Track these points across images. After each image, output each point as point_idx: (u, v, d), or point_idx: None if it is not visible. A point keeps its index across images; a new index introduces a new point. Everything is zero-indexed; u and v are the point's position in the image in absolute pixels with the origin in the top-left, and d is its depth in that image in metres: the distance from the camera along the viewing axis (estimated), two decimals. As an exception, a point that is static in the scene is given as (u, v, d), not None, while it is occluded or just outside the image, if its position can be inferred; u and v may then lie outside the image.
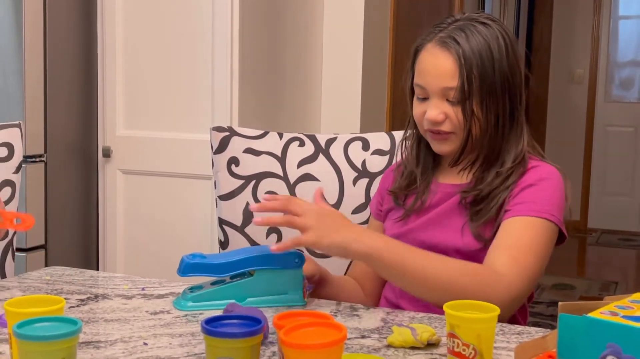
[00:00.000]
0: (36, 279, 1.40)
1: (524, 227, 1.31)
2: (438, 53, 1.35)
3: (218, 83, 2.51)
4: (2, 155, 1.68)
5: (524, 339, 1.12)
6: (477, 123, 1.35)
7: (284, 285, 1.25)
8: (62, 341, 0.83)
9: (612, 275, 5.04)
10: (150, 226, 2.63)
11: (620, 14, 6.23)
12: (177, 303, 1.25)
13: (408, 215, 1.44)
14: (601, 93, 6.28)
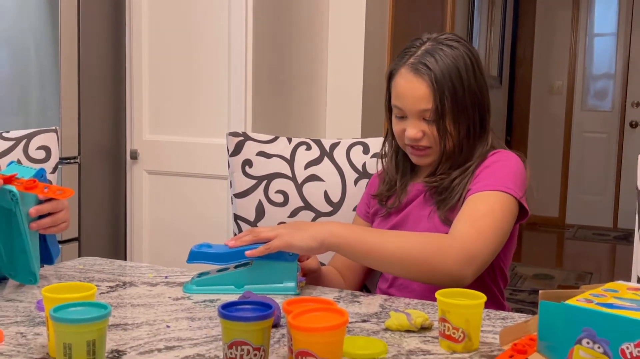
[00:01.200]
0: (70, 268, 1.41)
1: (481, 199, 1.31)
2: (412, 79, 1.36)
3: (234, 94, 2.52)
4: (40, 157, 1.68)
5: (508, 323, 1.11)
6: (451, 138, 1.37)
7: (279, 275, 1.25)
8: (93, 323, 0.83)
9: (587, 266, 5.04)
10: (173, 221, 2.63)
11: (596, 31, 6.23)
12: (185, 287, 1.26)
13: (389, 213, 1.46)
14: (578, 103, 6.28)
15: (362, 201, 1.58)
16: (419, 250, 1.23)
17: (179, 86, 2.60)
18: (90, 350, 0.83)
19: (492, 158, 1.38)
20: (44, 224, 1.23)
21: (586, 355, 0.88)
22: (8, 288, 1.25)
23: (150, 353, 0.95)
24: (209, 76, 2.55)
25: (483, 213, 1.28)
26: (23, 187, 1.18)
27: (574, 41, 6.24)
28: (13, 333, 1.02)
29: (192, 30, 2.56)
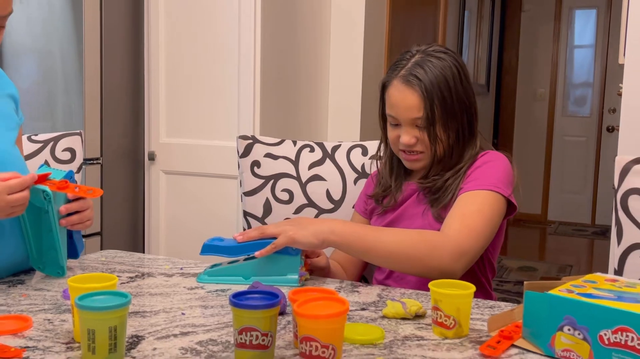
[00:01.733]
0: (93, 260, 1.41)
1: (471, 198, 1.30)
2: (404, 89, 1.36)
3: (243, 101, 2.52)
4: (66, 158, 1.69)
5: (495, 312, 1.11)
6: (441, 143, 1.37)
7: (283, 268, 1.25)
8: (115, 311, 0.84)
9: (567, 259, 5.03)
10: (187, 217, 2.63)
11: (575, 43, 6.22)
12: (198, 277, 1.26)
13: (386, 211, 1.46)
14: (559, 109, 6.27)
15: (360, 199, 1.58)
16: (413, 248, 1.23)
17: (192, 93, 2.60)
18: (112, 335, 0.84)
19: (482, 159, 1.38)
20: (72, 221, 1.23)
21: (567, 341, 0.88)
22: (36, 279, 1.25)
23: (166, 338, 0.95)
24: (221, 85, 2.55)
25: (473, 211, 1.28)
26: (56, 187, 1.18)
27: (555, 52, 6.23)
28: (41, 319, 1.02)
29: (205, 42, 2.56)
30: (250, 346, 0.85)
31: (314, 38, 2.93)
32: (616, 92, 5.82)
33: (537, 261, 4.96)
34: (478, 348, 0.94)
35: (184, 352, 0.90)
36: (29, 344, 0.91)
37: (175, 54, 2.61)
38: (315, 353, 0.82)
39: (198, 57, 2.58)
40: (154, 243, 2.68)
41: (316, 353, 0.82)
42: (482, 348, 0.92)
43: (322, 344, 0.81)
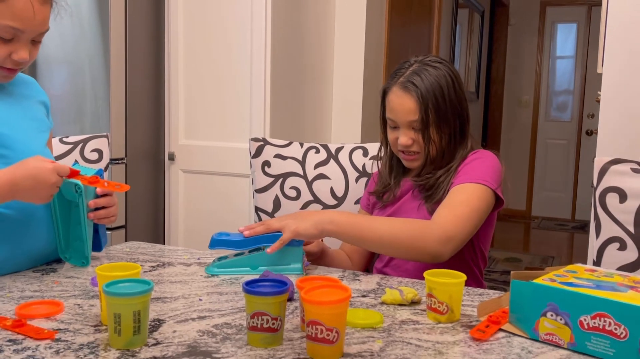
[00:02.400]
0: (119, 251, 1.41)
1: (460, 190, 1.30)
2: (402, 95, 1.36)
3: (255, 106, 2.52)
4: (94, 158, 1.69)
5: (484, 299, 1.11)
6: (434, 144, 1.37)
7: (287, 258, 1.24)
8: (139, 296, 0.84)
9: (550, 251, 5.02)
10: (204, 212, 2.64)
11: (557, 54, 6.20)
12: (207, 269, 1.24)
13: (385, 205, 1.46)
14: (542, 115, 6.26)
15: (364, 196, 1.58)
16: (403, 234, 1.22)
17: (209, 99, 2.61)
18: (136, 319, 0.84)
19: (472, 156, 1.38)
20: (99, 215, 1.23)
21: (550, 326, 0.88)
22: (66, 267, 1.25)
23: (185, 321, 0.95)
24: (234, 92, 2.55)
25: (461, 201, 1.27)
26: (87, 181, 1.18)
27: (539, 62, 6.21)
28: (72, 304, 1.02)
29: (220, 54, 2.56)
30: (261, 329, 0.86)
31: (319, 49, 2.93)
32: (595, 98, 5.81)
33: (521, 253, 4.95)
34: (469, 331, 0.94)
35: (201, 334, 0.90)
36: (61, 327, 0.92)
37: (192, 64, 2.61)
38: (320, 336, 0.82)
39: (213, 66, 2.58)
40: (173, 235, 2.69)
41: (321, 336, 0.82)
42: (472, 332, 0.92)
43: (326, 327, 0.81)
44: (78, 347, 0.84)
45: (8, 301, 1.02)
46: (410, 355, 0.85)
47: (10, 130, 1.16)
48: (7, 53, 1.13)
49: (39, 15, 1.12)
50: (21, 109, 1.24)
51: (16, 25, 1.10)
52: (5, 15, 1.09)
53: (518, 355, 0.85)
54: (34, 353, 0.82)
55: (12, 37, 1.12)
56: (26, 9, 1.10)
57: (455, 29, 4.93)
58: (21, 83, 1.29)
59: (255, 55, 2.49)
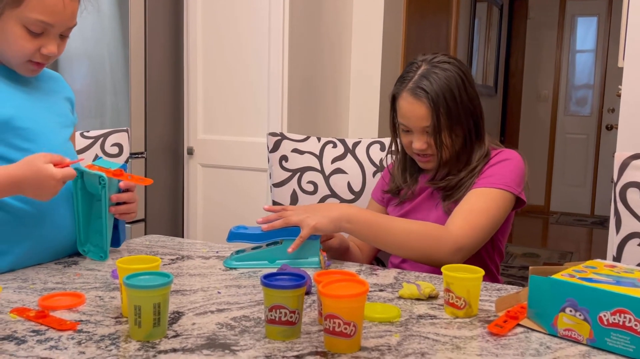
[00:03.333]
0: (139, 244, 1.42)
1: (479, 195, 1.29)
2: (413, 101, 1.34)
3: (272, 101, 2.52)
4: (114, 152, 1.70)
5: (502, 294, 1.10)
6: (447, 148, 1.35)
7: (305, 252, 1.24)
8: (158, 289, 0.84)
9: (568, 247, 4.97)
10: (222, 206, 2.65)
11: (577, 48, 6.12)
12: (225, 262, 1.25)
13: (403, 202, 1.45)
14: (562, 109, 6.19)
15: (377, 188, 1.56)
16: (417, 240, 1.23)
17: (227, 95, 2.61)
18: (156, 311, 0.84)
19: (498, 157, 1.36)
20: (121, 210, 1.23)
21: (569, 321, 0.87)
22: (87, 260, 1.27)
23: (204, 314, 0.96)
24: (252, 87, 2.56)
25: (480, 209, 1.26)
26: (111, 174, 1.18)
27: (558, 56, 6.14)
28: (93, 296, 1.03)
29: (238, 49, 2.57)
30: (279, 322, 0.86)
31: (336, 43, 2.92)
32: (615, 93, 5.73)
33: (540, 248, 4.90)
34: (486, 326, 0.93)
35: (220, 327, 0.91)
36: (83, 318, 0.93)
37: (211, 60, 2.62)
38: (338, 329, 0.82)
39: (232, 62, 2.59)
40: (192, 228, 2.71)
41: (339, 329, 0.82)
42: (490, 327, 0.92)
43: (344, 321, 0.81)
44: (99, 338, 0.85)
45: (31, 293, 1.04)
46: (428, 349, 0.84)
47: (35, 124, 1.18)
48: (37, 47, 1.14)
49: (69, 9, 1.14)
50: (46, 104, 1.26)
51: (46, 19, 1.12)
52: (36, 9, 1.10)
53: (536, 350, 0.85)
54: (57, 343, 0.84)
55: (42, 32, 1.13)
56: (56, 4, 1.11)
57: (474, 23, 4.89)
58: (48, 78, 1.31)
59: (273, 50, 2.49)
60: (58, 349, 0.82)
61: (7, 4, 1.09)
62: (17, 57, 1.15)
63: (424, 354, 0.83)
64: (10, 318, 0.92)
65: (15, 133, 1.14)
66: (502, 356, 0.83)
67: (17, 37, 1.12)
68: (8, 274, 1.14)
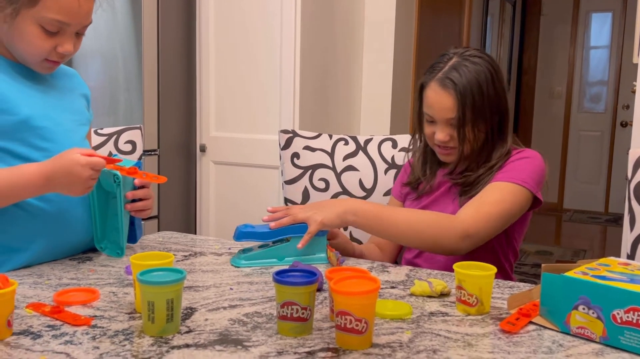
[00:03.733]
0: (152, 240, 1.43)
1: (495, 188, 1.29)
2: (440, 91, 1.33)
3: (284, 99, 2.52)
4: (127, 150, 1.71)
5: (514, 291, 1.10)
6: (469, 142, 1.35)
7: (311, 248, 1.25)
8: (172, 285, 0.85)
9: (581, 244, 4.93)
10: (234, 203, 2.66)
11: (592, 44, 6.06)
12: (233, 261, 1.23)
13: (421, 196, 1.45)
14: (575, 106, 6.13)
15: (397, 186, 1.56)
16: (425, 227, 1.24)
17: (239, 92, 2.62)
18: (169, 307, 0.85)
19: (518, 155, 1.35)
20: (137, 207, 1.24)
21: (582, 319, 0.87)
22: (102, 256, 1.28)
23: (217, 310, 0.97)
24: (264, 84, 2.56)
25: (491, 201, 1.26)
26: (126, 172, 1.19)
27: (572, 53, 6.08)
28: (107, 292, 1.04)
29: (250, 46, 2.57)
30: (291, 319, 0.86)
31: (349, 41, 2.92)
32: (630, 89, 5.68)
33: (553, 246, 4.87)
34: (498, 324, 0.93)
35: (232, 323, 0.91)
36: (97, 314, 0.94)
37: (223, 57, 2.63)
38: (349, 326, 0.82)
39: (244, 59, 2.59)
40: (204, 225, 2.72)
41: (350, 326, 0.82)
42: (502, 324, 0.91)
43: (355, 318, 0.82)
44: (113, 333, 0.86)
45: (47, 289, 1.05)
46: (439, 346, 0.84)
47: (52, 123, 1.19)
48: (53, 46, 1.16)
49: (84, 8, 1.15)
50: (63, 102, 1.27)
51: (62, 18, 1.13)
52: (52, 9, 1.11)
53: (549, 348, 0.85)
54: (72, 338, 0.84)
55: (58, 31, 1.15)
56: (72, 3, 1.12)
57: (486, 20, 4.86)
58: (64, 75, 1.32)
59: (284, 47, 2.49)
60: (73, 344, 0.83)
61: (24, 4, 1.10)
62: (34, 55, 1.16)
63: (435, 352, 0.83)
64: (26, 313, 0.93)
65: (34, 132, 1.15)
66: (514, 354, 0.83)
67: (33, 36, 1.13)
68: (24, 270, 1.16)
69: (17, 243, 1.16)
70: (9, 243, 1.15)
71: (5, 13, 1.11)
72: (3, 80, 1.15)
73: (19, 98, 1.16)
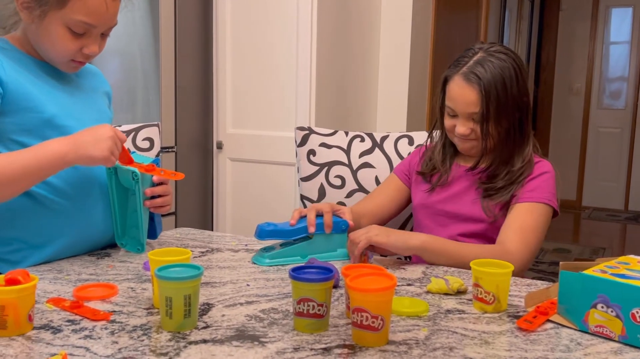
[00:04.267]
0: (169, 237, 1.44)
1: (529, 211, 1.31)
2: (464, 85, 1.33)
3: (300, 96, 2.53)
4: (145, 146, 1.72)
5: (532, 289, 1.09)
6: (492, 138, 1.35)
7: (333, 244, 1.26)
8: (189, 281, 0.86)
9: (600, 243, 4.87)
10: (250, 199, 2.67)
11: (611, 40, 5.98)
12: (257, 260, 1.22)
13: (433, 189, 1.44)
14: (595, 102, 6.06)
15: (403, 166, 1.55)
16: None
17: (255, 89, 2.63)
18: (187, 302, 0.86)
19: (539, 169, 1.36)
20: (156, 203, 1.26)
21: (600, 318, 0.86)
22: (120, 252, 1.29)
23: (233, 306, 0.97)
24: (280, 81, 2.57)
25: (530, 227, 1.29)
26: (144, 169, 1.20)
27: (592, 48, 6.00)
28: (125, 287, 1.05)
29: (266, 44, 2.57)
30: (307, 315, 0.87)
31: (365, 37, 2.91)
32: (650, 85, 5.59)
33: (571, 244, 4.82)
34: (515, 322, 0.92)
35: (249, 319, 0.92)
36: (115, 309, 0.95)
37: (240, 55, 2.64)
38: (365, 323, 0.82)
39: (260, 57, 2.60)
40: (221, 222, 2.73)
41: (366, 323, 0.82)
42: (519, 322, 0.91)
43: (372, 315, 0.82)
44: (132, 328, 0.87)
45: (66, 284, 1.07)
46: (456, 344, 0.84)
47: (76, 122, 1.20)
48: (79, 47, 1.17)
49: (111, 10, 1.17)
50: (87, 102, 1.28)
51: (89, 20, 1.14)
52: (80, 11, 1.13)
53: (567, 346, 0.84)
54: (91, 333, 0.86)
55: (84, 32, 1.16)
56: (99, 5, 1.14)
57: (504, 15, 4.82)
58: (88, 74, 1.33)
59: (301, 44, 2.49)
60: (92, 338, 0.84)
61: (52, 6, 1.12)
62: (60, 56, 1.18)
63: (452, 349, 0.82)
64: (47, 307, 0.95)
65: (58, 131, 1.16)
66: (531, 352, 0.82)
67: (60, 37, 1.15)
68: (44, 265, 1.17)
69: (39, 240, 1.18)
70: (31, 239, 1.17)
71: (34, 14, 1.13)
72: (29, 79, 1.17)
73: (45, 97, 1.17)
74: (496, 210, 1.34)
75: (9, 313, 0.83)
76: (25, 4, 1.14)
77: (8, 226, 1.16)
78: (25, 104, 1.14)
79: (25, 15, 1.15)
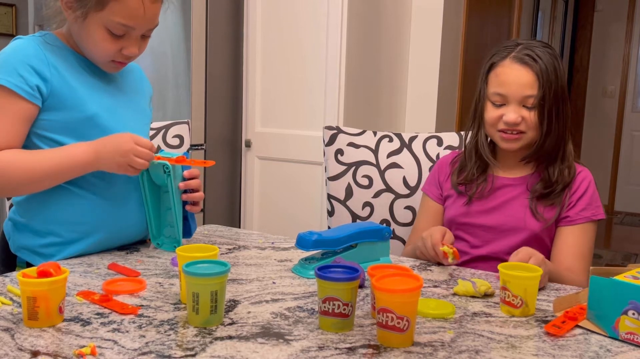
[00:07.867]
0: (197, 233, 1.45)
1: (584, 232, 1.31)
2: (518, 67, 1.28)
3: (329, 95, 2.52)
4: (175, 144, 1.74)
5: (561, 294, 1.07)
6: (539, 128, 1.29)
7: (377, 253, 1.22)
8: (216, 277, 0.86)
9: (632, 248, 4.77)
10: (278, 198, 2.68)
11: (648, 41, 5.85)
12: (299, 272, 1.15)
13: (471, 201, 1.37)
14: (629, 105, 5.93)
15: (431, 184, 1.49)
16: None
17: (284, 89, 2.64)
18: (213, 298, 0.86)
19: (580, 178, 1.33)
20: (194, 197, 1.25)
21: (631, 324, 0.84)
22: (149, 247, 1.31)
23: (259, 303, 0.98)
24: (309, 81, 2.57)
25: (589, 249, 1.32)
26: (174, 161, 1.20)
27: (627, 50, 5.87)
28: (153, 282, 1.07)
29: (296, 44, 2.58)
30: (332, 314, 0.87)
31: (395, 37, 2.90)
32: (688, 88, 5.44)
33: (602, 249, 4.73)
34: (543, 326, 0.91)
35: (274, 316, 0.92)
36: (143, 303, 0.96)
37: (269, 54, 2.65)
38: (391, 323, 0.82)
39: (289, 56, 2.60)
40: (248, 219, 2.75)
41: (392, 323, 0.82)
42: (547, 327, 0.89)
43: (397, 315, 0.81)
44: (159, 323, 0.88)
45: (96, 277, 1.08)
46: (482, 347, 0.83)
47: (117, 123, 1.22)
48: (119, 48, 1.19)
49: (149, 12, 1.18)
50: (129, 102, 1.30)
51: (128, 22, 1.16)
52: (118, 13, 1.14)
53: (596, 353, 0.82)
54: (119, 326, 0.87)
55: (124, 34, 1.18)
56: (137, 8, 1.15)
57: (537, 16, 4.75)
58: (130, 72, 1.34)
59: (330, 44, 2.49)
60: (120, 332, 0.85)
61: (92, 7, 1.14)
62: (100, 56, 1.20)
63: (478, 352, 0.81)
64: (77, 300, 0.96)
65: (98, 130, 1.18)
66: (559, 358, 0.81)
67: (100, 38, 1.16)
68: (74, 259, 1.19)
69: (74, 235, 1.20)
70: (67, 234, 1.20)
71: (76, 14, 1.15)
72: (74, 77, 1.18)
73: (88, 95, 1.19)
74: (547, 214, 1.30)
75: (40, 304, 0.85)
76: (69, 4, 1.16)
77: (45, 221, 1.19)
78: (68, 102, 1.16)
79: (68, 15, 1.17)
